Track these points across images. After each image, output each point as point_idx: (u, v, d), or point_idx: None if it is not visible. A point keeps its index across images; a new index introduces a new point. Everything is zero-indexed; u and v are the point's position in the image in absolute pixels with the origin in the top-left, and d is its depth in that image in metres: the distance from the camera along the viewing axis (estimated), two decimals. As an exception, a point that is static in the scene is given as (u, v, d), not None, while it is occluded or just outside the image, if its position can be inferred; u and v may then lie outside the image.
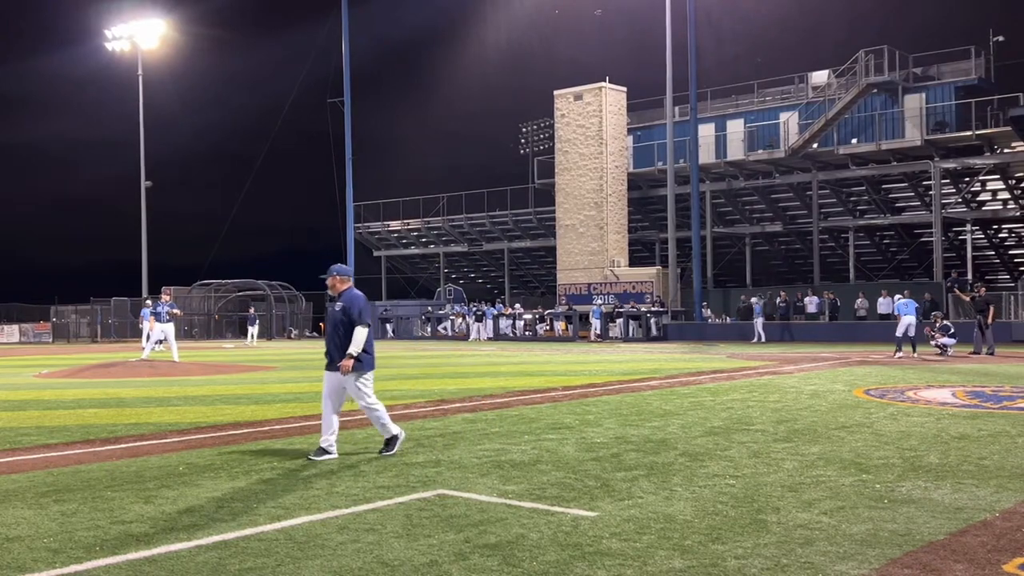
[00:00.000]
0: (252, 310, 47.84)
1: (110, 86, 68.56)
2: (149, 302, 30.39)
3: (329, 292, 8.94)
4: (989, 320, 24.41)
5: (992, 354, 23.83)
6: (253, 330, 44.71)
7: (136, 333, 42.26)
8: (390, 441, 8.77)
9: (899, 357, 22.81)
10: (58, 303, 57.56)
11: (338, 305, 8.66)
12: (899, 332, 23.58)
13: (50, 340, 53.36)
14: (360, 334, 8.46)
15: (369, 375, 8.69)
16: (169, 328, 24.30)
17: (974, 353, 24.18)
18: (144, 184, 57.59)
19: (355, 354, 8.42)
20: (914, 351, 23.58)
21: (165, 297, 25.80)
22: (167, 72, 62.94)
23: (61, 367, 24.06)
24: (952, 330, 24.36)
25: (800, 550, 5.25)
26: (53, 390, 16.68)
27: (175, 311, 25.47)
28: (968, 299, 26.56)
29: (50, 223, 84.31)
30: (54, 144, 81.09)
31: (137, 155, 57.83)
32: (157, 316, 24.20)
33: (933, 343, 24.29)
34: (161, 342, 25.33)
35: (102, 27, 58.14)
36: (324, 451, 8.55)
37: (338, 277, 8.80)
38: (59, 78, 77.76)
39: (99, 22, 59.23)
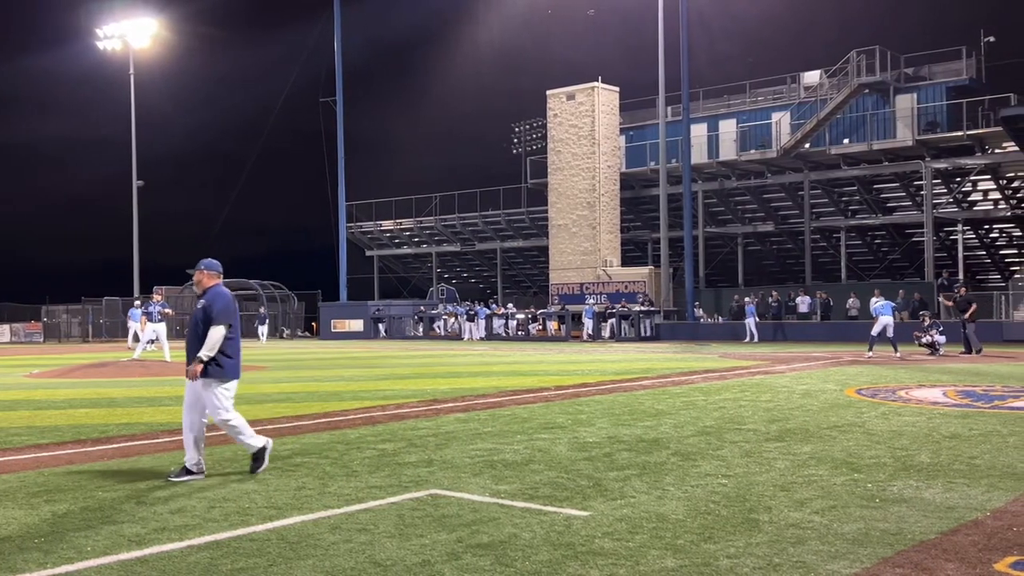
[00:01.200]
0: (263, 309, 47.79)
1: (102, 85, 68.30)
2: (138, 302, 30.33)
3: (194, 288, 8.06)
4: (967, 317, 24.44)
5: (980, 352, 23.89)
6: (263, 329, 44.66)
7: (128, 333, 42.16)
8: (258, 456, 7.82)
9: (868, 357, 22.87)
10: (49, 303, 57.37)
11: (200, 303, 7.80)
12: (875, 332, 23.56)
13: (41, 340, 53.17)
14: (215, 334, 7.54)
15: (230, 385, 7.74)
16: (161, 328, 24.31)
17: (964, 353, 24.26)
18: (136, 184, 57.42)
19: (205, 358, 7.49)
20: (896, 351, 23.47)
21: (157, 297, 25.76)
22: (159, 71, 62.74)
23: (52, 367, 23.98)
24: (942, 328, 24.43)
25: (792, 549, 5.26)
26: (44, 390, 16.63)
27: (167, 311, 25.44)
28: (951, 303, 26.50)
29: (41, 223, 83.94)
30: (45, 143, 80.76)
31: (129, 154, 57.68)
32: (149, 316, 24.23)
33: (921, 342, 24.25)
34: (152, 342, 25.32)
35: (93, 26, 57.94)
36: (187, 471, 7.59)
37: (205, 272, 7.90)
38: (50, 77, 77.45)
39: (90, 21, 58.89)
